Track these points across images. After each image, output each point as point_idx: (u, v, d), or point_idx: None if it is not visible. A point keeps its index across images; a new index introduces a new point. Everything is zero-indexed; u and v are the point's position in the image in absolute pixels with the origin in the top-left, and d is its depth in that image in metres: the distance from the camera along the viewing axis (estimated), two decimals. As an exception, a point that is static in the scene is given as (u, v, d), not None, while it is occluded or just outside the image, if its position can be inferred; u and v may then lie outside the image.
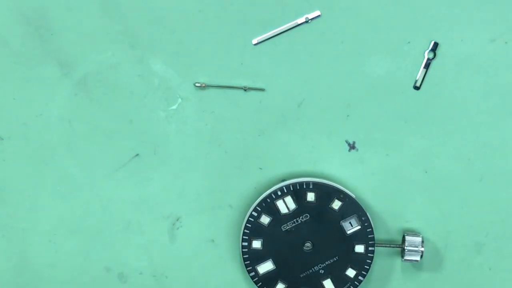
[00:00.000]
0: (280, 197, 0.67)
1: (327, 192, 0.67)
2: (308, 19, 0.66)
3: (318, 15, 0.66)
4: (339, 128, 0.68)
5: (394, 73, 0.67)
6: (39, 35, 0.67)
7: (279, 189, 0.67)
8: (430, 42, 0.66)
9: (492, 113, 0.67)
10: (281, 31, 0.67)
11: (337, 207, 0.67)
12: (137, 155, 0.70)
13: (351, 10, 0.66)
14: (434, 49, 0.66)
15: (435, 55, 0.66)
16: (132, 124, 0.69)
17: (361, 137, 0.68)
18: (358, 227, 0.67)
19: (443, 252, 0.70)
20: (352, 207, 0.67)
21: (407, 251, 0.67)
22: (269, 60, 0.67)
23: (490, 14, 0.65)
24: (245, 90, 0.68)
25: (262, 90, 0.68)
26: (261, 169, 0.69)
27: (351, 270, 0.67)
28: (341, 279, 0.68)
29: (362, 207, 0.67)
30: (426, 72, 0.67)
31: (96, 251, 0.72)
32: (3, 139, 0.70)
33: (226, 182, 0.70)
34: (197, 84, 0.68)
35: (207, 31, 0.67)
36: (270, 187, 0.68)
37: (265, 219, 0.67)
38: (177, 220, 0.71)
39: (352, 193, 0.67)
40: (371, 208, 0.69)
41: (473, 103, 0.67)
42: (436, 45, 0.66)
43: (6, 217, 0.71)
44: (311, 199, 0.67)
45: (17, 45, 0.68)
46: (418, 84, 0.67)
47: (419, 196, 0.69)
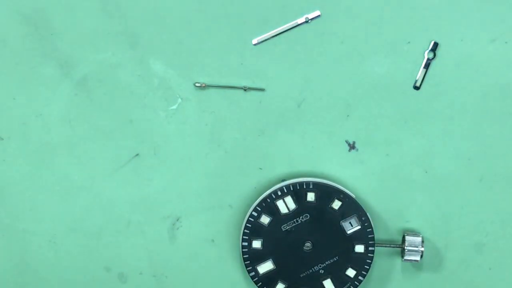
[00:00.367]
0: (280, 197, 0.67)
1: (327, 192, 0.67)
2: (308, 19, 0.66)
3: (318, 15, 0.66)
4: (339, 128, 0.68)
5: (394, 73, 0.67)
6: (39, 35, 0.67)
7: (279, 189, 0.67)
8: (430, 42, 0.66)
9: (492, 113, 0.67)
10: (281, 31, 0.66)
11: (337, 207, 0.67)
12: (137, 155, 0.70)
13: (351, 10, 0.66)
14: (434, 49, 0.66)
15: (435, 55, 0.66)
16: (132, 124, 0.69)
17: (361, 137, 0.68)
18: (358, 227, 0.67)
19: (443, 252, 0.70)
20: (352, 207, 0.67)
21: (407, 251, 0.67)
22: (269, 60, 0.67)
23: (490, 14, 0.65)
24: (245, 90, 0.68)
25: (262, 90, 0.68)
26: (261, 169, 0.69)
27: (351, 270, 0.67)
28: (341, 279, 0.68)
29: (362, 207, 0.67)
30: (426, 72, 0.67)
31: (96, 251, 0.72)
32: (3, 139, 0.70)
33: (226, 182, 0.70)
34: (197, 84, 0.68)
35: (207, 31, 0.67)
36: (270, 187, 0.68)
37: (265, 219, 0.67)
38: (177, 220, 0.71)
39: (352, 193, 0.67)
40: (371, 208, 0.69)
41: (473, 103, 0.67)
42: (436, 45, 0.66)
43: (6, 217, 0.71)
44: (311, 199, 0.67)
45: (17, 45, 0.68)
46: (418, 84, 0.67)
47: (419, 196, 0.69)
